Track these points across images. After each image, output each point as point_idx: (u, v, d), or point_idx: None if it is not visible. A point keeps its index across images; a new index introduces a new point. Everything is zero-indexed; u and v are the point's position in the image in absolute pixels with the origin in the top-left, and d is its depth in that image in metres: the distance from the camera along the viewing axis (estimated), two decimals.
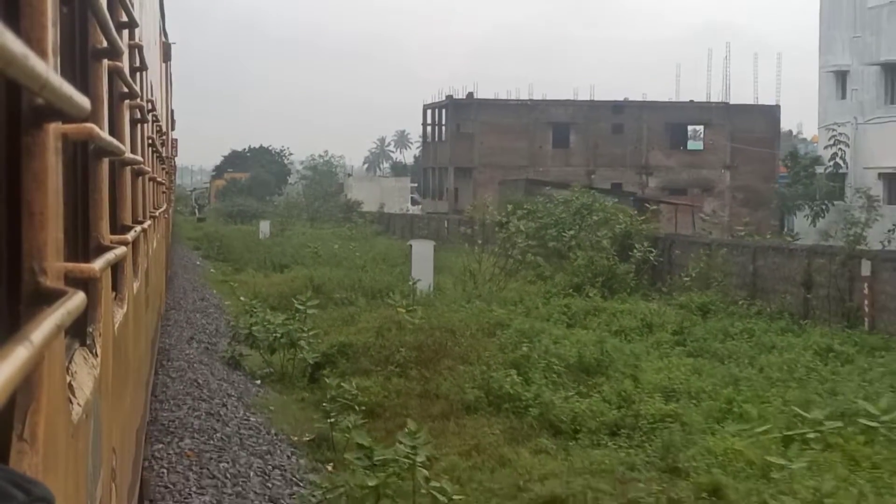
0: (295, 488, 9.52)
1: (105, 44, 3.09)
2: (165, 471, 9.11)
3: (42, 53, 1.59)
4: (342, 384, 12.00)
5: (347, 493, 8.57)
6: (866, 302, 19.51)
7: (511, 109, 60.73)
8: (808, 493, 8.12)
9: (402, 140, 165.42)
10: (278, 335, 15.51)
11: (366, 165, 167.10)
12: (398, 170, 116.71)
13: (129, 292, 4.28)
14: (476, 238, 30.72)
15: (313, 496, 8.82)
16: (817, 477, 8.59)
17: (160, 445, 9.96)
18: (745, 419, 10.87)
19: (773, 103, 64.08)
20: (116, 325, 3.50)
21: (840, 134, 40.03)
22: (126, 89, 4.15)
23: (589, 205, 29.65)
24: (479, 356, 14.28)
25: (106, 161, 3.29)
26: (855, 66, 41.65)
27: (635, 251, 26.18)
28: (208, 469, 9.38)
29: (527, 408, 12.24)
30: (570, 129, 60.57)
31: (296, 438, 11.65)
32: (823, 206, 38.45)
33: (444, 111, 64.28)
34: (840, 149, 40.06)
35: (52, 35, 1.67)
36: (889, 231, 32.72)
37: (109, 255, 2.93)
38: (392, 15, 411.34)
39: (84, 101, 1.63)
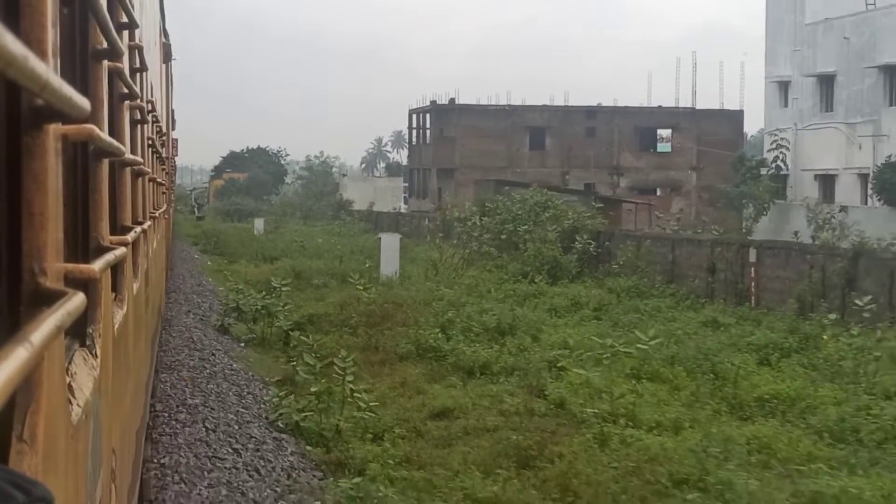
0: (262, 405, 13.26)
1: (105, 45, 3.10)
2: (168, 387, 12.90)
3: (42, 54, 1.59)
4: (302, 337, 15.78)
5: (297, 399, 12.32)
6: (752, 283, 23.26)
7: (490, 114, 64.28)
8: (608, 398, 11.95)
9: (398, 140, 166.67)
10: (259, 307, 19.31)
11: (363, 165, 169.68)
12: (392, 170, 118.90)
13: (129, 293, 4.30)
14: (438, 232, 34.49)
15: (273, 401, 12.57)
16: (625, 389, 12.43)
17: (164, 375, 13.72)
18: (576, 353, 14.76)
19: (738, 108, 67.73)
20: (116, 326, 3.51)
21: (781, 139, 43.72)
22: (126, 90, 4.16)
23: (542, 203, 33.37)
24: (415, 321, 18.03)
25: (106, 162, 3.29)
26: (795, 77, 45.26)
27: (577, 243, 29.87)
28: (199, 388, 13.16)
29: (445, 356, 16.01)
30: (546, 133, 64.01)
31: (267, 379, 15.39)
32: (765, 206, 42.09)
33: (427, 116, 68.01)
34: (781, 152, 43.73)
35: (52, 36, 1.66)
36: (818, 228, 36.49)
37: (109, 256, 2.93)
38: (392, 15, 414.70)
39: (84, 103, 1.64)
